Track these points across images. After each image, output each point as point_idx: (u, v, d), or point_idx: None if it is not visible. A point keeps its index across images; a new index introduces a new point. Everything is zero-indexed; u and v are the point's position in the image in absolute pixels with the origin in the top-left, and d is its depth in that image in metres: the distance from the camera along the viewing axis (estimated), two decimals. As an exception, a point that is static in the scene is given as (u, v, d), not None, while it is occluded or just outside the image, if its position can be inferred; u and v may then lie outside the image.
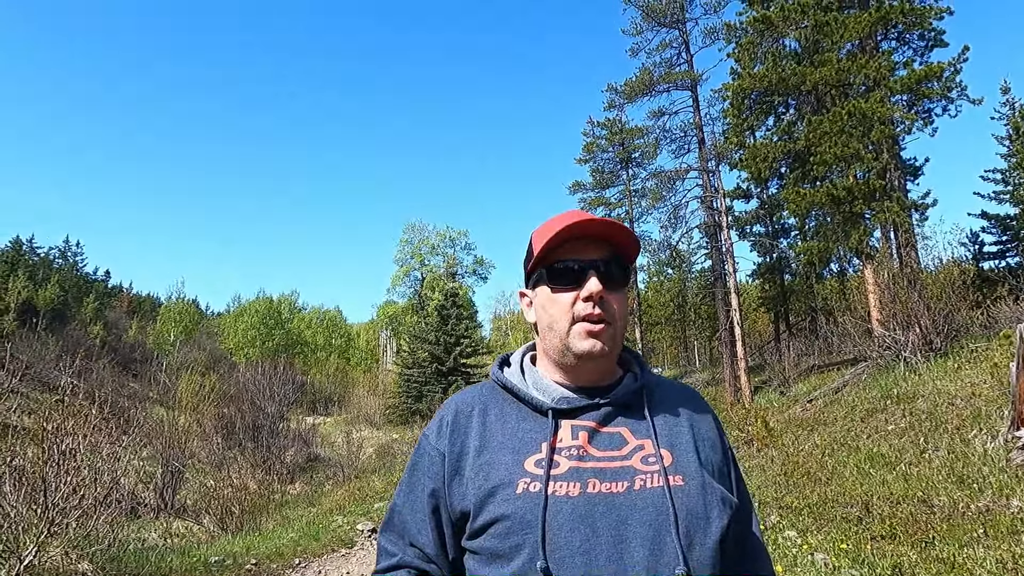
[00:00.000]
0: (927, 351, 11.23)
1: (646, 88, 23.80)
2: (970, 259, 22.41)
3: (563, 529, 0.95)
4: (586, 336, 1.06)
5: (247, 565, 5.87)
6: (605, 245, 1.09)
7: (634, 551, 0.94)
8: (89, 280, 44.21)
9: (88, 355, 27.27)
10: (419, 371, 30.58)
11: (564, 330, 1.07)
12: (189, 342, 38.88)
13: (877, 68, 14.70)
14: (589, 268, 1.07)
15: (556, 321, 1.09)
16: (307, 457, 19.28)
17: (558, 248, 1.09)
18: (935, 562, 4.37)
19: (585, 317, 1.06)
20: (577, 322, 1.06)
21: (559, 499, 0.98)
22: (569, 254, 1.09)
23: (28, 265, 35.56)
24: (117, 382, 24.77)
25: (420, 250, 49.27)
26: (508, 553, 0.97)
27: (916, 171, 20.06)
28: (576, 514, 0.96)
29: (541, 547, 0.94)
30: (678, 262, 30.81)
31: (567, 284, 1.08)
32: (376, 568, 1.13)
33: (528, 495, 0.98)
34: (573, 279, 1.08)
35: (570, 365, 1.10)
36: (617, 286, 1.09)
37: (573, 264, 1.08)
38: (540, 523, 0.95)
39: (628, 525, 0.96)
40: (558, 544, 0.95)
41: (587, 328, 1.06)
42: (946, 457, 6.77)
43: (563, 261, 1.09)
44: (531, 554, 0.95)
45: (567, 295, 1.08)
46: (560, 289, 1.09)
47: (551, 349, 1.12)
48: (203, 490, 10.51)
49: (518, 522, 0.97)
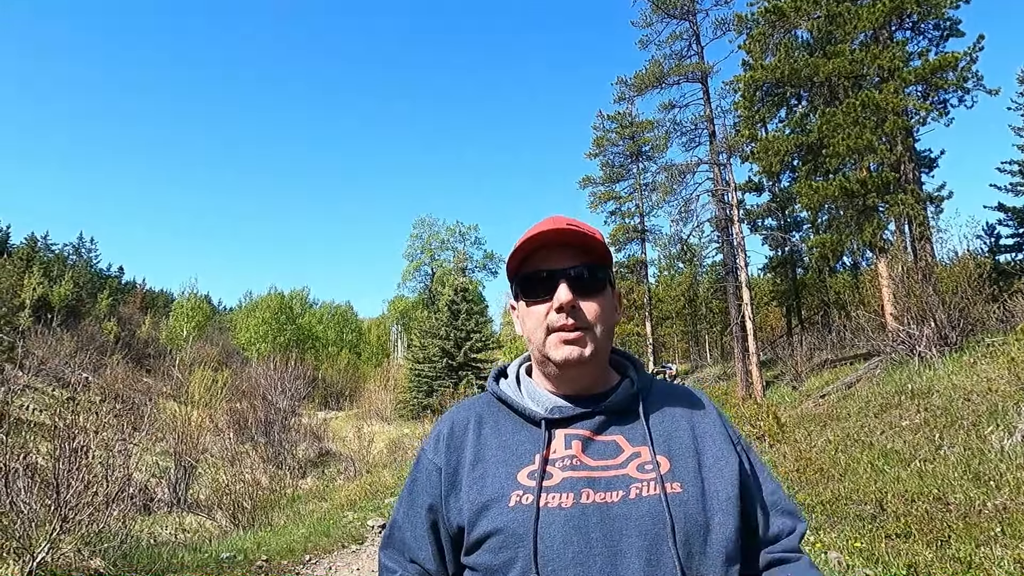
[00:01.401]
0: (942, 346, 11.09)
1: (656, 81, 23.63)
2: (986, 252, 22.13)
3: (555, 541, 0.94)
4: (561, 344, 1.04)
5: (258, 561, 5.89)
6: (576, 251, 1.06)
7: (629, 562, 0.93)
8: (103, 276, 44.63)
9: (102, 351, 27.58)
10: (430, 366, 30.67)
11: (541, 341, 1.06)
12: (202, 337, 39.16)
13: (891, 58, 14.49)
14: (559, 276, 1.04)
15: (533, 333, 1.07)
16: (318, 452, 19.39)
17: (529, 259, 1.08)
18: (951, 561, 4.32)
19: (559, 328, 1.03)
20: (551, 332, 1.04)
21: (551, 511, 0.96)
22: (537, 264, 1.07)
23: (43, 262, 35.92)
24: (131, 377, 24.99)
25: (430, 245, 49.39)
26: (502, 567, 0.96)
27: (931, 163, 19.83)
28: (569, 525, 0.95)
29: (533, 560, 0.93)
30: (689, 256, 30.57)
31: (538, 295, 1.06)
32: None
33: (520, 508, 0.97)
34: (544, 289, 1.05)
35: (554, 375, 1.08)
36: (591, 292, 1.06)
37: (541, 274, 1.06)
38: (532, 536, 0.94)
39: (623, 536, 0.94)
40: (550, 557, 0.93)
41: (562, 337, 1.04)
42: (962, 454, 6.68)
43: (532, 272, 1.07)
44: (524, 567, 0.94)
45: (540, 307, 1.06)
46: (533, 301, 1.07)
47: (536, 360, 1.12)
48: (215, 485, 10.56)
49: (510, 536, 0.96)
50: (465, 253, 48.81)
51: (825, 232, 18.83)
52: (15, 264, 32.53)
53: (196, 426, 13.34)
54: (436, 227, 49.41)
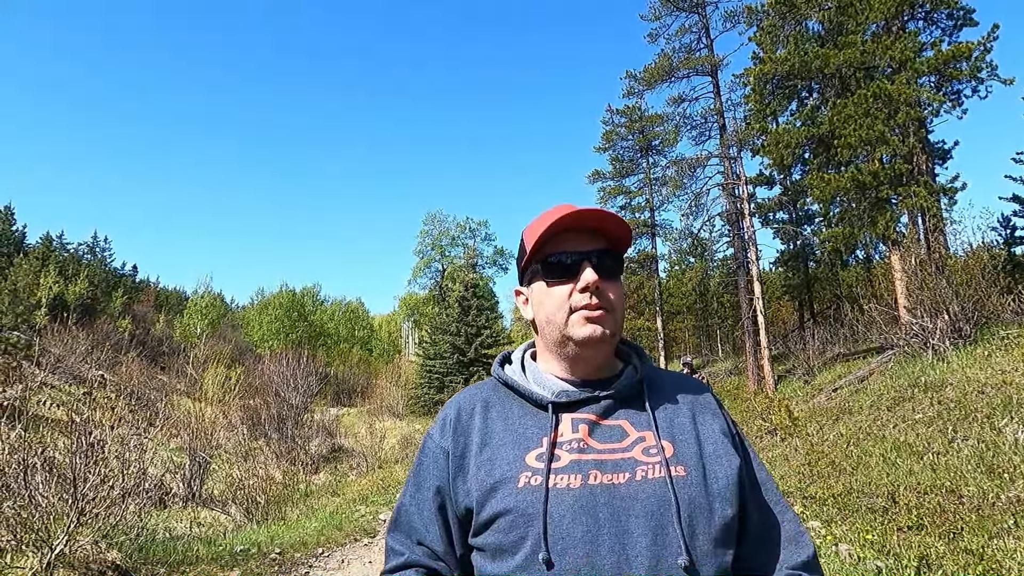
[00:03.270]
0: (956, 338, 10.98)
1: (665, 74, 23.50)
2: (1001, 244, 21.86)
3: (564, 520, 0.96)
4: (585, 322, 1.06)
5: (272, 554, 5.95)
6: (597, 236, 1.10)
7: (636, 541, 0.95)
8: (117, 275, 44.97)
9: (117, 348, 27.85)
10: (441, 362, 30.77)
11: (563, 321, 1.08)
12: (215, 335, 39.44)
13: (903, 49, 14.34)
14: (583, 259, 1.07)
15: (554, 314, 1.09)
16: (331, 447, 19.53)
17: (550, 242, 1.09)
18: (963, 553, 4.30)
19: (584, 307, 1.06)
20: (575, 312, 1.07)
21: (560, 491, 0.98)
22: (561, 247, 1.09)
23: (58, 261, 36.27)
24: (146, 375, 25.25)
25: (440, 241, 49.39)
26: (512, 547, 0.98)
27: (944, 154, 19.61)
28: (577, 505, 0.97)
29: (543, 538, 0.95)
30: (699, 250, 30.46)
31: (562, 277, 1.09)
32: (385, 568, 1.14)
33: (530, 488, 0.99)
34: (567, 272, 1.08)
35: (571, 355, 1.10)
36: (612, 276, 1.10)
37: (566, 257, 1.08)
38: (542, 515, 0.96)
39: (630, 515, 0.97)
40: (560, 535, 0.96)
41: (585, 315, 1.06)
42: (976, 446, 6.63)
43: (556, 254, 1.09)
44: (534, 546, 0.96)
45: (563, 288, 1.08)
46: (555, 282, 1.09)
47: (551, 342, 1.12)
48: (229, 480, 10.68)
49: (520, 515, 0.98)
50: (475, 249, 48.83)
51: (837, 225, 18.68)
52: (31, 263, 32.90)
53: (210, 422, 13.47)
54: (446, 223, 49.42)
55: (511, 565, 0.97)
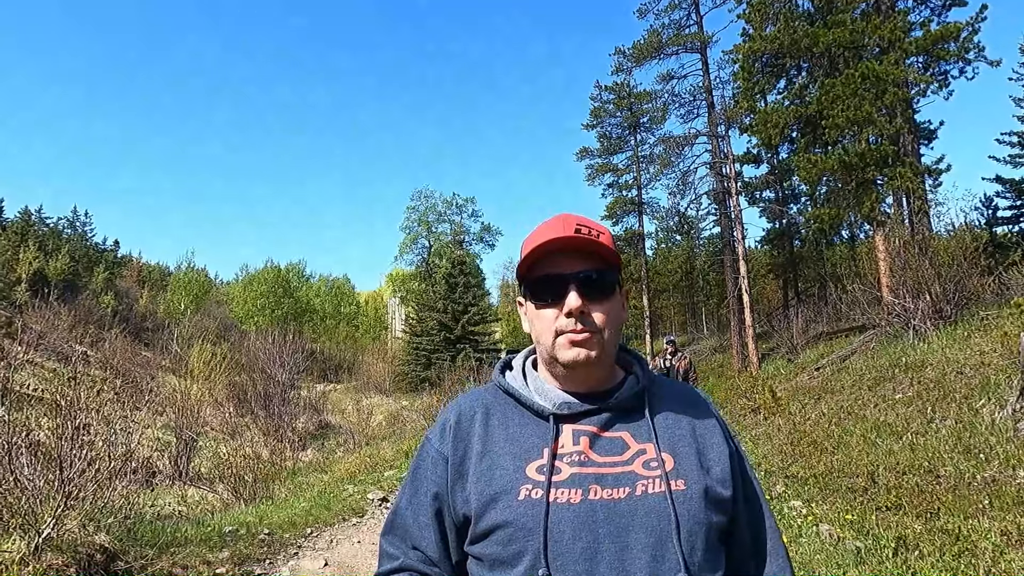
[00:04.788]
0: (937, 319, 11.16)
1: (654, 51, 23.34)
2: (983, 224, 22.14)
3: (564, 536, 0.96)
4: (570, 346, 1.05)
5: (260, 535, 5.98)
6: (586, 254, 1.07)
7: (636, 557, 0.96)
8: (98, 250, 44.29)
9: (100, 325, 27.59)
10: (427, 339, 30.80)
11: (549, 343, 1.07)
12: (200, 311, 39.13)
13: (892, 29, 14.33)
14: (569, 281, 1.05)
15: (541, 335, 1.09)
16: (318, 424, 19.56)
17: (538, 262, 1.08)
18: (939, 533, 4.41)
19: (569, 331, 1.05)
20: (560, 335, 1.05)
21: (560, 506, 0.98)
22: (548, 268, 1.07)
23: (38, 236, 35.66)
24: (129, 351, 25.05)
25: (427, 217, 49.08)
26: (510, 560, 0.98)
27: (930, 135, 19.75)
28: (578, 521, 0.97)
29: (543, 554, 0.95)
30: (686, 229, 30.65)
31: (548, 299, 1.07)
32: (378, 571, 1.14)
33: (530, 502, 0.99)
34: (554, 293, 1.06)
35: (562, 375, 1.10)
36: (602, 296, 1.07)
37: (553, 279, 1.07)
38: (542, 530, 0.96)
39: (630, 532, 0.97)
40: (559, 551, 0.96)
41: (570, 339, 1.05)
42: (953, 427, 6.77)
43: (542, 276, 1.08)
44: (533, 561, 0.96)
45: (549, 310, 1.07)
46: (542, 305, 1.08)
47: (544, 360, 1.13)
48: (216, 459, 10.67)
49: (520, 529, 0.98)
50: (462, 225, 48.65)
51: (823, 205, 18.83)
52: (10, 238, 32.36)
53: (196, 400, 13.43)
54: (433, 199, 49.06)
55: None
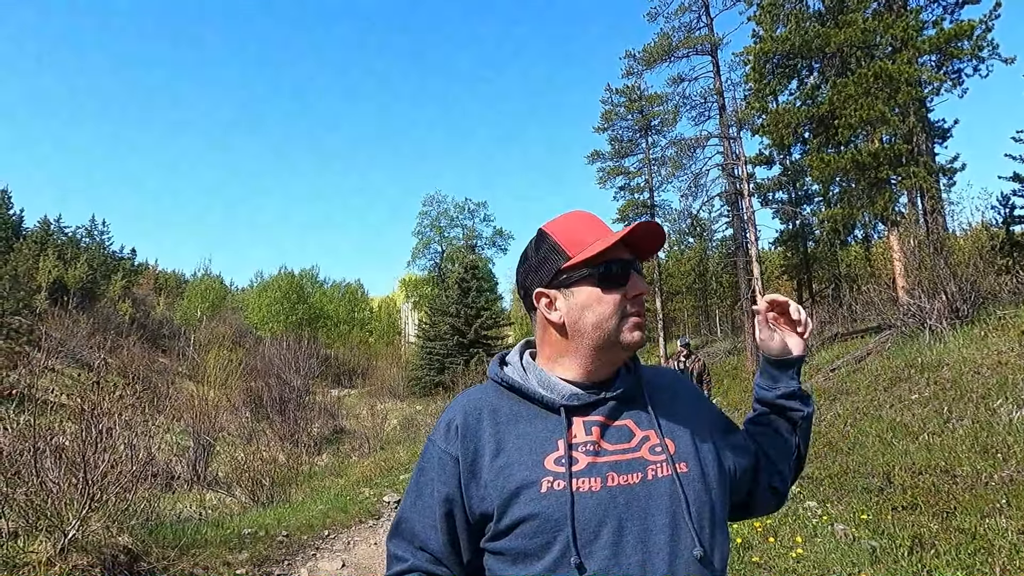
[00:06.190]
0: (953, 319, 11.06)
1: (665, 54, 23.29)
2: (1000, 223, 21.87)
3: (591, 524, 1.00)
4: (636, 329, 1.12)
5: (279, 536, 6.07)
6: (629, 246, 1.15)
7: (656, 538, 1.01)
8: (116, 258, 44.85)
9: (118, 332, 27.96)
10: (441, 344, 30.86)
11: (615, 326, 1.11)
12: (215, 317, 39.53)
13: (904, 28, 14.24)
14: (631, 269, 1.13)
15: (606, 319, 1.11)
16: (333, 429, 19.67)
17: (606, 250, 1.11)
18: (956, 532, 4.39)
19: (634, 313, 1.12)
20: (627, 317, 1.12)
21: (583, 495, 1.02)
22: (613, 255, 1.12)
23: (56, 245, 36.22)
24: (147, 358, 25.38)
25: (439, 222, 49.27)
26: (537, 551, 1.01)
27: (944, 134, 19.54)
28: (601, 508, 1.01)
29: (573, 544, 0.99)
30: (699, 231, 30.47)
31: (616, 284, 1.12)
32: (387, 573, 1.14)
33: (553, 493, 1.02)
34: (620, 279, 1.12)
35: (610, 359, 1.14)
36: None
37: (619, 265, 1.12)
38: (570, 520, 1.00)
39: (648, 514, 1.02)
40: (587, 539, 1.00)
41: (636, 322, 1.12)
42: (970, 427, 6.73)
43: (611, 262, 1.12)
44: (562, 551, 0.99)
45: (616, 294, 1.11)
46: (611, 289, 1.12)
47: (591, 346, 1.12)
48: (234, 463, 10.79)
49: (547, 521, 1.01)
50: (474, 230, 48.77)
51: (836, 205, 18.67)
52: (30, 247, 32.88)
53: (213, 405, 13.57)
54: (444, 204, 49.24)
55: (536, 569, 1.00)
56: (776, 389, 1.29)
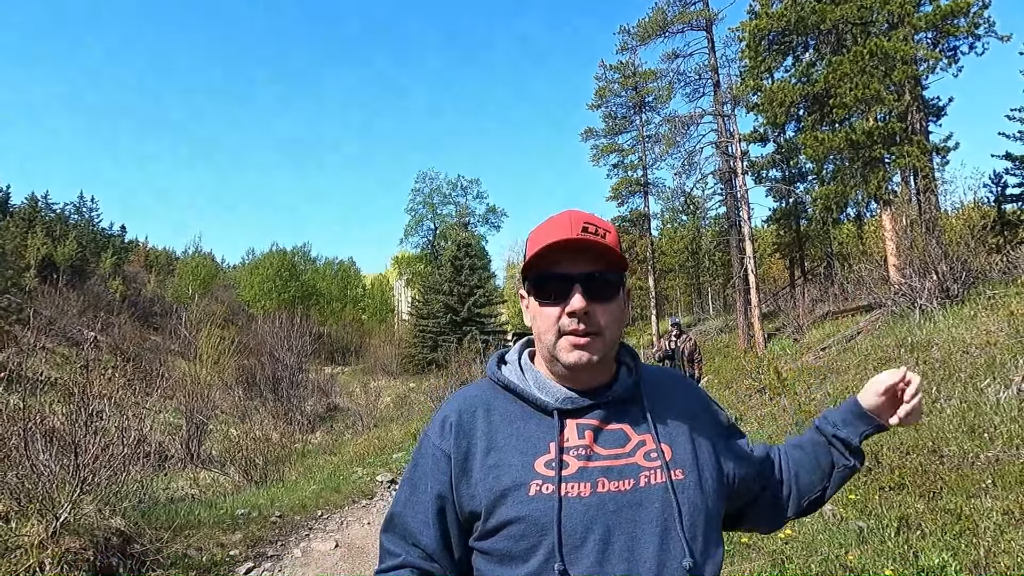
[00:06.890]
0: (943, 298, 11.11)
1: (659, 29, 23.02)
2: (992, 201, 21.93)
3: (577, 530, 0.99)
4: (572, 349, 1.05)
5: (272, 517, 6.10)
6: (591, 255, 1.06)
7: (644, 547, 0.99)
8: (106, 235, 44.44)
9: (109, 309, 27.81)
10: (434, 321, 30.91)
11: (551, 343, 1.07)
12: (207, 295, 39.33)
13: (901, 4, 14.11)
14: (574, 281, 1.04)
15: (544, 333, 1.08)
16: (327, 407, 19.75)
17: (544, 259, 1.07)
18: (942, 512, 4.44)
19: (571, 331, 1.04)
20: (563, 335, 1.05)
21: (571, 500, 1.00)
22: (553, 267, 1.07)
23: (45, 222, 35.78)
24: (138, 336, 25.28)
25: (432, 199, 49.05)
26: (523, 554, 1.00)
27: (939, 111, 19.51)
28: (589, 515, 1.00)
29: (558, 549, 0.97)
30: (692, 209, 30.35)
31: (552, 299, 1.06)
32: (379, 568, 1.15)
33: (541, 497, 1.01)
34: (558, 293, 1.06)
35: (561, 374, 1.10)
36: (604, 297, 1.06)
37: (557, 278, 1.06)
38: (556, 525, 0.98)
39: (638, 522, 1.01)
40: (573, 545, 0.98)
41: (572, 341, 1.05)
42: (958, 407, 6.79)
43: (547, 275, 1.07)
44: (547, 555, 0.98)
45: (552, 309, 1.06)
46: (546, 303, 1.07)
47: (544, 358, 1.13)
48: (227, 442, 10.81)
49: (533, 524, 1.00)
50: (467, 207, 48.57)
51: (830, 183, 18.65)
52: (18, 225, 32.51)
53: (205, 383, 13.56)
54: (437, 181, 49.00)
55: (521, 572, 1.00)
56: (840, 431, 1.23)
